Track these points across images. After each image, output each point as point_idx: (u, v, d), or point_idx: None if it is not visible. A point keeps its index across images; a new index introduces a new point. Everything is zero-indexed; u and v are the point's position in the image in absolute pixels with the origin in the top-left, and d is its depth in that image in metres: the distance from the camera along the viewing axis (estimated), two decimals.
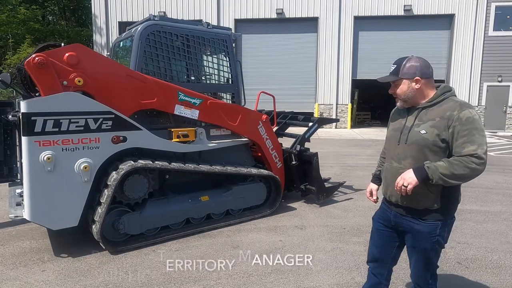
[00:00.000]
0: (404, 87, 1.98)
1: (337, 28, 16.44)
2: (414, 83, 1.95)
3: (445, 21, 16.22)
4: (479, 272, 3.29)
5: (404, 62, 1.96)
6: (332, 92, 16.87)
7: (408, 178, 1.86)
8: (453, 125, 1.83)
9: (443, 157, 1.89)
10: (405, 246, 2.18)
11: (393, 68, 2.00)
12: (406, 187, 1.86)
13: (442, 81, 15.81)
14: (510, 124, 16.24)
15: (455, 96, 1.99)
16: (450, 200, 1.97)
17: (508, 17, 15.78)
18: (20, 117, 3.23)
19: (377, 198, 2.32)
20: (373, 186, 2.35)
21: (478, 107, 16.11)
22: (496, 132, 15.66)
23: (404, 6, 15.91)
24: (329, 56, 16.64)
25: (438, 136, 1.86)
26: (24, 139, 3.16)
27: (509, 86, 16.03)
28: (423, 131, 1.91)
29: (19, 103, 3.64)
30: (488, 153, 1.86)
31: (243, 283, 3.09)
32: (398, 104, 2.07)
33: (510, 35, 15.74)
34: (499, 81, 16.03)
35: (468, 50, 15.95)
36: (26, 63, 3.19)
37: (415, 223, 2.00)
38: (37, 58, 3.14)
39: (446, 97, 1.95)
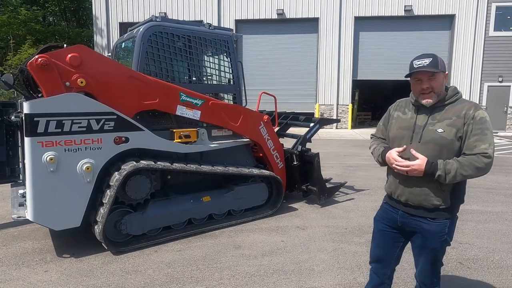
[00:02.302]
0: (442, 81, 1.96)
1: (337, 29, 16.45)
2: (445, 78, 1.98)
3: (446, 21, 16.23)
4: (481, 273, 3.30)
5: (437, 56, 1.94)
6: (333, 92, 16.87)
7: (417, 166, 1.87)
8: (468, 123, 1.88)
9: (458, 155, 1.92)
10: (410, 246, 2.18)
11: (428, 61, 1.90)
12: (407, 168, 1.90)
13: None
14: (511, 125, 16.23)
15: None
16: (458, 199, 2.00)
17: (508, 17, 15.77)
18: (23, 118, 3.24)
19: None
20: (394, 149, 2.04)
21: (482, 107, 16.07)
22: (497, 133, 15.65)
23: (405, 6, 15.91)
24: (329, 57, 16.64)
25: (456, 135, 1.89)
26: (27, 139, 3.17)
27: (509, 86, 16.01)
28: (440, 130, 1.91)
29: (21, 104, 3.65)
30: None
31: (245, 283, 3.09)
32: (429, 101, 1.95)
33: (511, 36, 15.73)
34: (499, 82, 16.02)
35: (469, 51, 15.95)
36: (29, 64, 3.20)
37: (424, 223, 2.00)
38: (40, 59, 3.15)
39: (458, 97, 1.99)
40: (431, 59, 1.91)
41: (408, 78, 2.03)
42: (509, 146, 11.91)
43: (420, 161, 1.87)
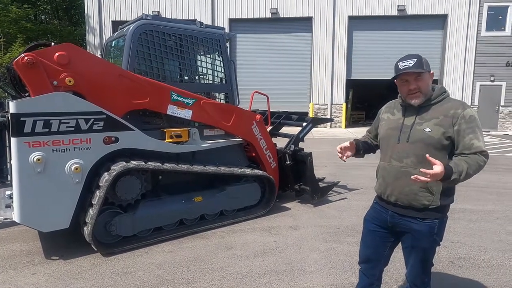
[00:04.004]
0: (428, 80, 1.97)
1: (331, 28, 16.47)
2: (430, 78, 2.00)
3: (439, 21, 16.33)
4: (472, 271, 3.30)
5: (421, 56, 1.95)
6: (327, 91, 16.89)
7: (438, 175, 1.73)
8: (458, 123, 1.88)
9: (446, 154, 1.92)
10: (400, 247, 2.17)
11: (413, 61, 1.91)
12: (428, 178, 1.74)
13: (436, 81, 15.92)
14: (503, 124, 16.40)
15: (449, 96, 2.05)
16: (448, 198, 2.00)
17: (500, 17, 15.92)
18: (9, 117, 3.18)
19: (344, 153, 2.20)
20: (350, 143, 2.20)
21: (471, 106, 16.22)
22: (489, 132, 15.80)
23: (398, 6, 15.98)
24: (323, 56, 16.66)
25: (444, 134, 1.89)
26: (13, 140, 3.10)
27: (501, 85, 16.17)
28: (427, 129, 1.92)
29: (8, 104, 3.58)
30: None
31: (237, 284, 3.06)
32: (416, 101, 1.96)
33: (502, 35, 15.88)
34: (491, 81, 16.17)
35: (461, 50, 16.07)
36: (15, 62, 3.14)
37: (414, 223, 2.00)
38: (26, 58, 3.09)
39: (445, 96, 2.00)
40: (416, 59, 1.93)
41: (395, 80, 2.04)
42: (500, 145, 12.02)
43: (440, 167, 1.72)
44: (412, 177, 1.78)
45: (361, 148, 2.27)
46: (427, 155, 1.78)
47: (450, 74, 16.27)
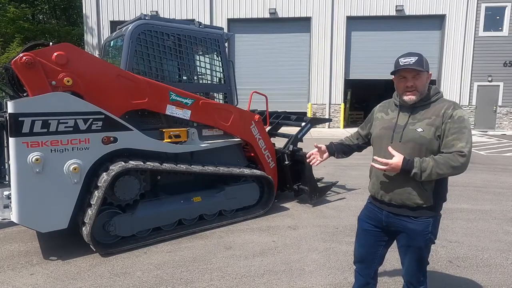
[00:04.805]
0: (425, 80, 1.98)
1: (329, 28, 16.49)
2: (428, 78, 2.01)
3: (436, 21, 16.38)
4: (470, 271, 3.32)
5: (422, 55, 1.96)
6: (325, 92, 16.91)
7: (394, 164, 1.88)
8: (445, 122, 1.90)
9: (437, 154, 1.94)
10: (395, 246, 2.19)
11: (414, 59, 1.92)
12: (385, 166, 1.91)
13: (434, 81, 15.96)
14: (500, 124, 16.47)
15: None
16: (440, 197, 2.02)
17: (497, 17, 15.99)
18: (7, 117, 3.17)
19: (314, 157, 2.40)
20: (323, 147, 2.38)
21: (469, 106, 16.32)
22: (486, 132, 15.87)
23: (396, 6, 16.02)
24: (322, 56, 16.68)
25: (435, 133, 1.91)
26: (11, 140, 3.10)
27: (499, 86, 16.24)
28: (419, 129, 1.94)
29: (6, 104, 3.57)
30: (479, 152, 1.91)
31: (236, 284, 3.07)
32: (412, 97, 1.97)
33: (500, 36, 15.95)
34: (489, 81, 16.23)
35: (459, 50, 16.13)
36: (13, 62, 3.13)
37: (409, 222, 2.01)
38: (24, 58, 3.08)
39: (439, 97, 2.02)
40: (417, 57, 1.94)
41: (393, 76, 2.05)
42: (498, 145, 12.05)
43: (397, 159, 1.88)
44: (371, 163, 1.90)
45: (334, 151, 2.39)
46: (389, 147, 1.92)
47: (448, 74, 16.32)
